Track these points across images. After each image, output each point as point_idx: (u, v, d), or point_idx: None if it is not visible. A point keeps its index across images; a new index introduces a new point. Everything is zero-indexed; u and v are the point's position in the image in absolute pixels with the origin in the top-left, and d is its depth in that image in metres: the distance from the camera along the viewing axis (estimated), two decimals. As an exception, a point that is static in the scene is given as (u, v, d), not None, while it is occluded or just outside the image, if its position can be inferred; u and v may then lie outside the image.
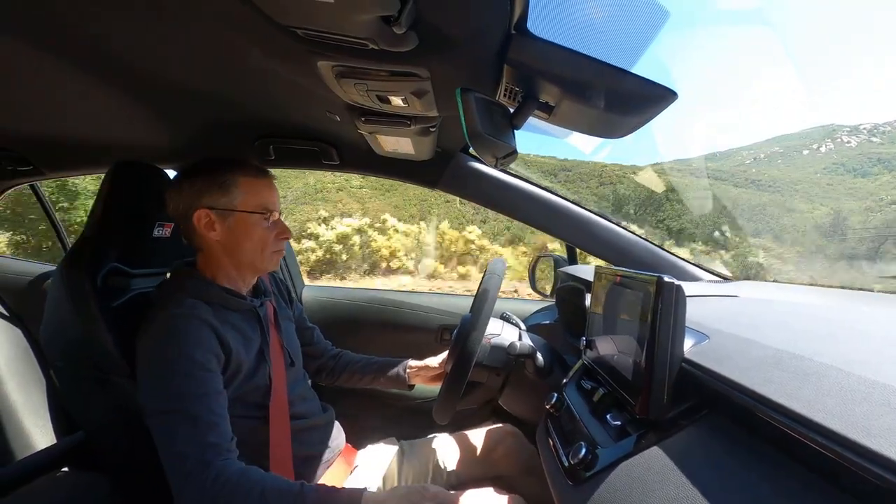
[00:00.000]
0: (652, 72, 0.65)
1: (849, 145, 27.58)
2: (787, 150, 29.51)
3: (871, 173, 24.37)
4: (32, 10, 0.69)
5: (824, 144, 27.50)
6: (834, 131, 29.01)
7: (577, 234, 1.30)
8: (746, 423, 0.50)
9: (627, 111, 0.73)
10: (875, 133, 28.77)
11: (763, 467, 0.45)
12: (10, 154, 1.43)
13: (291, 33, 0.65)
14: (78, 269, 0.93)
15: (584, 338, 0.90)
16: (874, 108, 68.21)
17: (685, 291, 0.60)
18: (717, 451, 0.50)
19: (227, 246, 0.96)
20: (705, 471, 0.49)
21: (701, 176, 23.39)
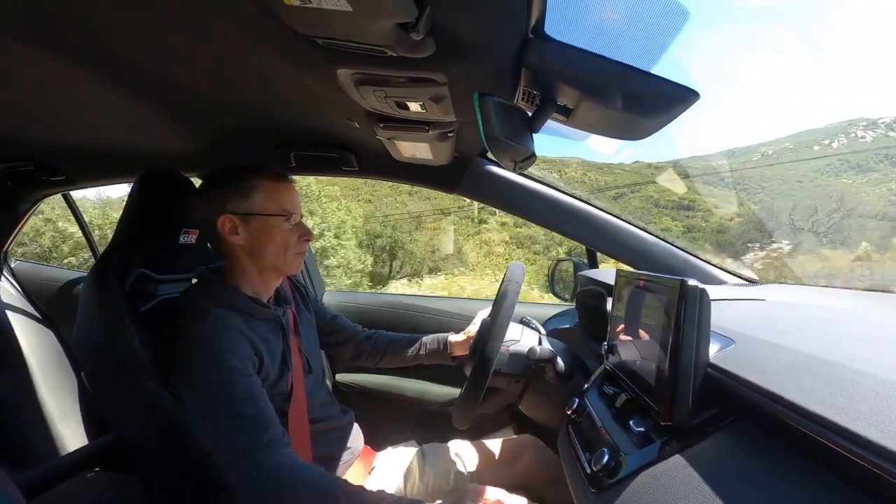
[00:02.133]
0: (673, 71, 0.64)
1: (863, 140, 27.06)
2: (798, 146, 29.24)
3: (873, 170, 23.86)
4: (63, 26, 0.71)
5: (837, 140, 27.13)
6: (850, 126, 28.49)
7: (597, 237, 1.29)
8: (775, 430, 0.48)
9: (648, 112, 0.72)
10: (894, 127, 28.09)
11: (793, 476, 0.43)
12: (44, 165, 1.49)
13: (311, 42, 0.66)
14: (108, 274, 0.96)
15: (606, 342, 0.89)
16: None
17: (710, 295, 0.58)
18: (744, 459, 0.49)
19: (250, 250, 0.98)
20: (733, 479, 0.47)
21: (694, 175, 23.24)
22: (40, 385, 1.82)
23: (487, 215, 28.62)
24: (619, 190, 29.41)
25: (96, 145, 1.35)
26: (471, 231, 28.43)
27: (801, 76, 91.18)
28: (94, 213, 15.54)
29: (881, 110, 65.00)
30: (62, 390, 1.87)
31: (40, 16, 0.69)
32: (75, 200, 1.98)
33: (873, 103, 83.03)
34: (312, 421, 1.03)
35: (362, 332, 1.33)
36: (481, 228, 29.71)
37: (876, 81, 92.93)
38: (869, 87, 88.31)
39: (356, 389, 1.71)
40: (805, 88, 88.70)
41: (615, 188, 29.45)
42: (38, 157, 1.46)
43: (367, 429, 1.22)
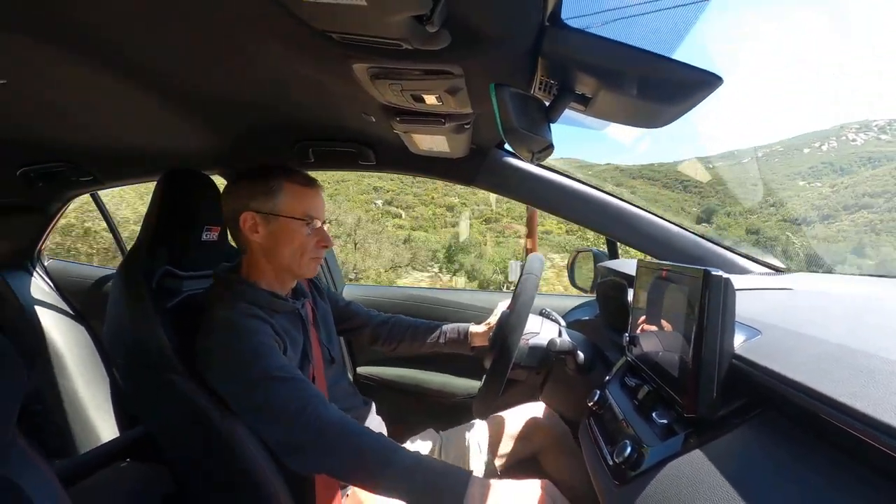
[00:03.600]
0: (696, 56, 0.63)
1: (854, 143, 26.71)
2: (788, 149, 29.03)
3: (853, 172, 23.52)
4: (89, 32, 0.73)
5: (827, 143, 26.89)
6: (842, 128, 28.21)
7: (617, 227, 1.27)
8: (804, 422, 0.47)
9: (669, 99, 0.71)
10: (886, 130, 27.65)
11: (822, 468, 0.42)
12: (73, 166, 1.53)
13: (327, 37, 0.67)
14: (135, 271, 0.99)
15: (627, 334, 0.88)
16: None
17: (734, 285, 0.57)
18: (772, 451, 0.48)
19: (267, 249, 1.00)
20: (760, 471, 0.47)
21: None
22: (75, 379, 1.89)
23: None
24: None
25: (122, 146, 1.39)
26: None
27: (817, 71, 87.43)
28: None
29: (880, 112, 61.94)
30: (95, 384, 1.94)
31: (68, 23, 0.70)
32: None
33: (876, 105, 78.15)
34: None
35: (378, 316, 1.35)
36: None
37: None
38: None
39: (377, 382, 1.73)
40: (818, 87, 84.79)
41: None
42: (67, 159, 1.51)
43: (388, 421, 1.23)
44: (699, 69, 0.64)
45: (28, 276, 1.98)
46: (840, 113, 63.82)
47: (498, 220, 27.79)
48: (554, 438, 1.16)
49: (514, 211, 19.90)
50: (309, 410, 0.81)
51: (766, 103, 79.18)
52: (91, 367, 1.95)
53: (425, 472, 0.78)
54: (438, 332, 1.30)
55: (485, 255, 21.14)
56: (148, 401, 1.10)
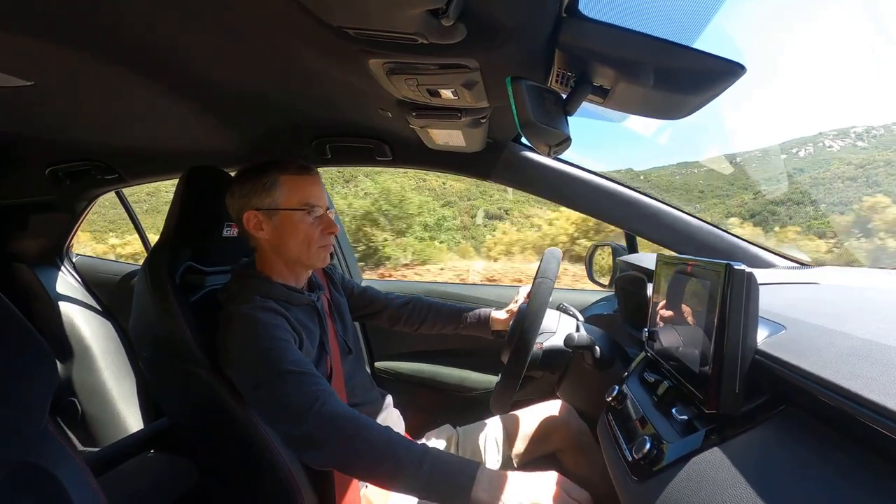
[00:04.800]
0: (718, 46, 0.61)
1: (830, 149, 26.64)
2: (766, 155, 28.93)
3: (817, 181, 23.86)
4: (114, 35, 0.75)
5: (804, 149, 26.86)
6: (820, 135, 28.22)
7: (636, 221, 1.25)
8: (829, 420, 0.46)
9: (690, 89, 0.69)
10: (864, 137, 27.37)
11: (848, 467, 0.41)
12: (99, 164, 1.58)
13: (343, 34, 0.67)
14: (159, 267, 1.01)
15: (646, 329, 0.87)
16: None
17: (758, 279, 0.56)
18: (796, 448, 0.47)
19: (275, 244, 1.01)
20: (783, 469, 0.46)
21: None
22: (103, 371, 1.95)
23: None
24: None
25: (146, 145, 1.42)
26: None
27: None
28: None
29: (861, 119, 59.05)
30: (122, 376, 2.00)
31: (93, 25, 0.72)
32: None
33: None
34: (352, 404, 1.06)
35: (398, 298, 1.35)
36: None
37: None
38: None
39: (395, 376, 1.74)
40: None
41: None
42: (93, 158, 1.55)
43: (406, 415, 1.24)
44: (721, 58, 0.62)
45: (58, 271, 2.05)
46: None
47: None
48: (572, 435, 1.16)
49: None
50: (318, 405, 0.82)
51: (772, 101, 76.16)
52: (118, 360, 2.01)
53: (434, 465, 0.77)
54: (459, 314, 1.31)
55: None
56: (172, 393, 1.13)
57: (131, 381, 2.01)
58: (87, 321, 1.99)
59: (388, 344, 1.77)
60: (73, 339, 1.93)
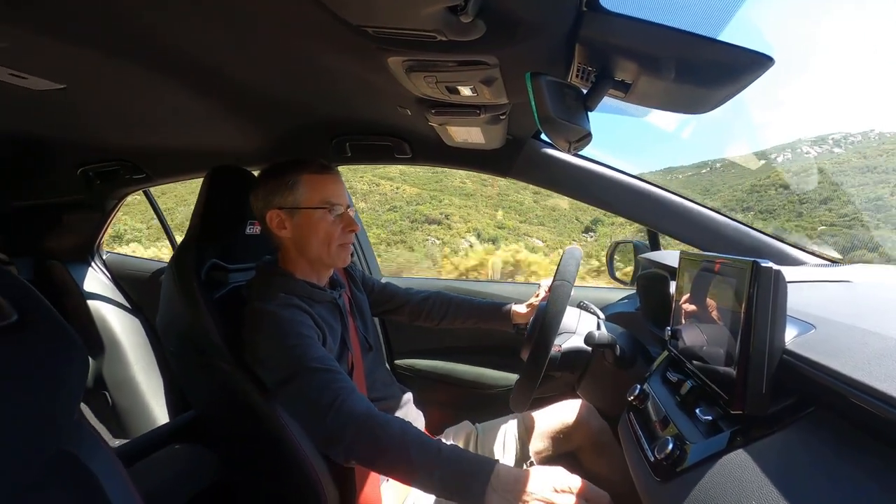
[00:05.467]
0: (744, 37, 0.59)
1: (808, 156, 26.63)
2: (746, 161, 28.82)
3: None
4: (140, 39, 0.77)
5: (783, 155, 26.77)
6: (798, 141, 28.30)
7: (660, 218, 1.23)
8: (861, 423, 0.45)
9: (715, 83, 0.67)
10: (841, 144, 27.13)
11: (879, 470, 0.40)
12: (127, 164, 1.62)
13: (363, 32, 0.67)
14: (185, 265, 1.04)
15: (669, 327, 0.85)
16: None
17: (786, 276, 0.54)
18: (824, 451, 0.45)
19: (297, 243, 1.02)
20: (812, 472, 0.44)
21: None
22: (132, 365, 2.01)
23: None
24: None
25: (172, 145, 1.46)
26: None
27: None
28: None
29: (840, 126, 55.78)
30: (151, 370, 2.06)
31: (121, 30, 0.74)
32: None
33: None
34: (373, 399, 1.07)
35: (418, 293, 1.36)
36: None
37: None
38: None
39: (414, 374, 1.75)
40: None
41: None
42: (122, 158, 1.60)
43: (425, 411, 1.25)
44: (748, 50, 0.60)
45: (89, 268, 2.11)
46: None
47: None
48: (592, 433, 1.14)
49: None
50: (339, 403, 0.82)
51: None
52: (146, 354, 2.07)
53: (451, 461, 0.77)
54: (480, 308, 1.31)
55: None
56: (197, 386, 1.16)
57: (159, 375, 2.07)
58: (116, 316, 2.06)
59: (407, 341, 1.78)
60: (104, 333, 2.00)
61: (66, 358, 0.55)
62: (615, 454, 1.06)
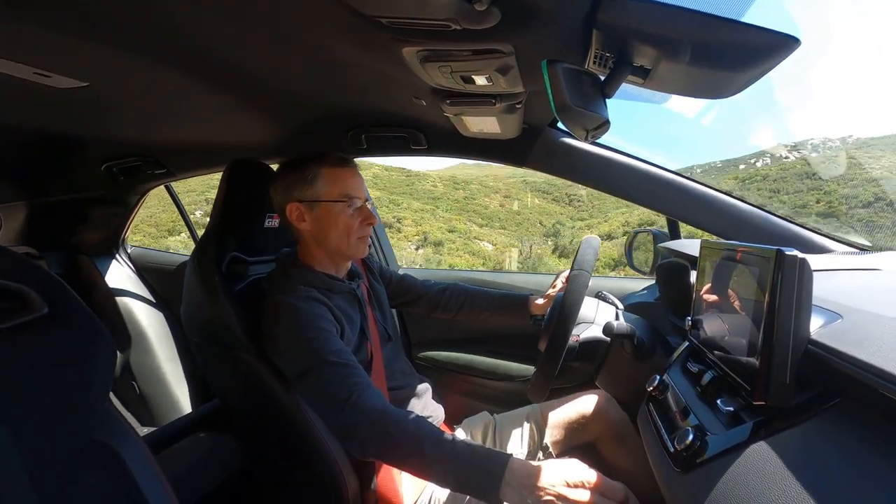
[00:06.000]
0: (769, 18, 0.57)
1: (786, 160, 27.13)
2: (726, 165, 30.19)
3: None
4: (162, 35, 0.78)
5: (762, 160, 27.59)
6: (776, 147, 29.28)
7: (680, 206, 1.20)
8: (889, 414, 0.43)
9: (738, 66, 0.65)
10: (818, 148, 28.89)
11: None
12: (149, 160, 1.66)
13: (376, 23, 0.67)
14: (206, 258, 1.06)
15: (690, 317, 0.84)
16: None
17: (812, 265, 0.53)
18: (851, 444, 0.45)
19: (316, 235, 1.03)
20: (837, 465, 0.43)
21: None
22: (158, 356, 2.06)
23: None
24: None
25: (191, 140, 1.48)
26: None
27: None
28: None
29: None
30: (175, 361, 2.11)
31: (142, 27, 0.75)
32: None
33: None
34: (392, 389, 1.08)
35: (435, 285, 1.37)
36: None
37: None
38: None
39: (433, 364, 1.76)
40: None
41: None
42: (144, 154, 1.63)
43: (444, 402, 1.25)
44: (772, 31, 0.58)
45: (115, 261, 2.17)
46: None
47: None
48: (611, 424, 1.14)
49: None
50: (354, 398, 0.83)
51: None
52: (171, 345, 2.13)
53: (465, 456, 0.76)
54: (497, 299, 1.31)
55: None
56: (220, 376, 1.18)
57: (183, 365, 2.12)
58: (142, 308, 2.11)
59: (426, 332, 1.79)
60: (130, 324, 2.05)
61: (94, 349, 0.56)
62: (635, 445, 1.06)
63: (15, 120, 1.23)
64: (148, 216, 25.54)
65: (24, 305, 0.52)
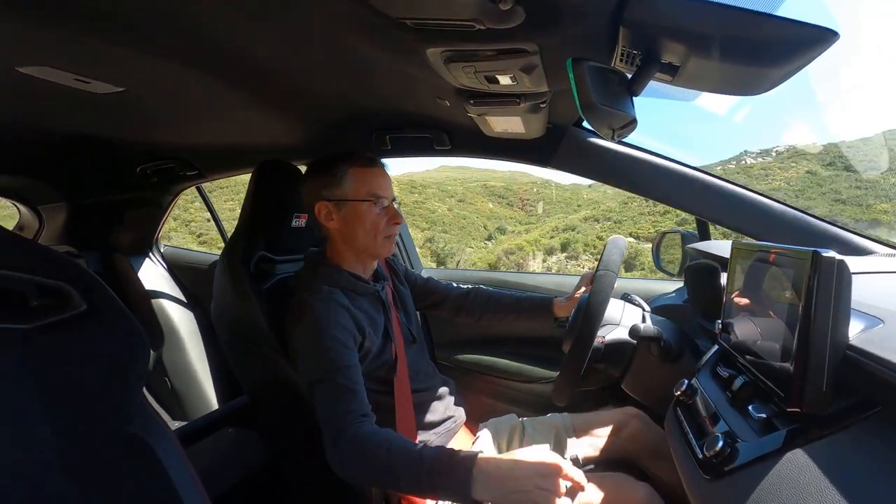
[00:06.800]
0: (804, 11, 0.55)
1: (750, 167, 28.80)
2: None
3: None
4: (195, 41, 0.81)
5: (726, 166, 29.95)
6: (743, 154, 30.59)
7: (710, 206, 1.17)
8: None
9: (772, 61, 0.63)
10: (781, 157, 29.21)
11: None
12: (181, 162, 1.71)
13: (401, 25, 0.67)
14: (235, 257, 1.08)
15: (720, 320, 0.82)
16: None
17: (851, 267, 0.51)
18: (892, 455, 0.42)
19: (344, 234, 1.05)
20: (877, 478, 0.42)
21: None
22: (189, 352, 2.12)
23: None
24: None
25: (221, 143, 1.52)
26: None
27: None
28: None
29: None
30: (205, 357, 2.17)
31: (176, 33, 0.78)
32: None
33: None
34: (416, 390, 1.08)
35: (458, 288, 1.36)
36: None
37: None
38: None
39: (456, 366, 1.76)
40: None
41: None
42: (176, 156, 1.68)
43: (467, 404, 1.25)
44: (809, 24, 0.56)
45: (148, 260, 2.24)
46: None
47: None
48: (643, 433, 1.11)
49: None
50: (346, 422, 0.84)
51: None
52: (201, 342, 2.19)
53: (432, 462, 0.76)
54: (520, 302, 1.30)
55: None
56: (249, 374, 1.21)
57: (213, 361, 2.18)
58: (173, 306, 2.18)
59: (450, 334, 1.80)
60: (163, 322, 2.12)
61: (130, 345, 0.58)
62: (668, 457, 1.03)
63: (57, 125, 1.28)
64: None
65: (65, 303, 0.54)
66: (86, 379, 0.53)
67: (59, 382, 0.51)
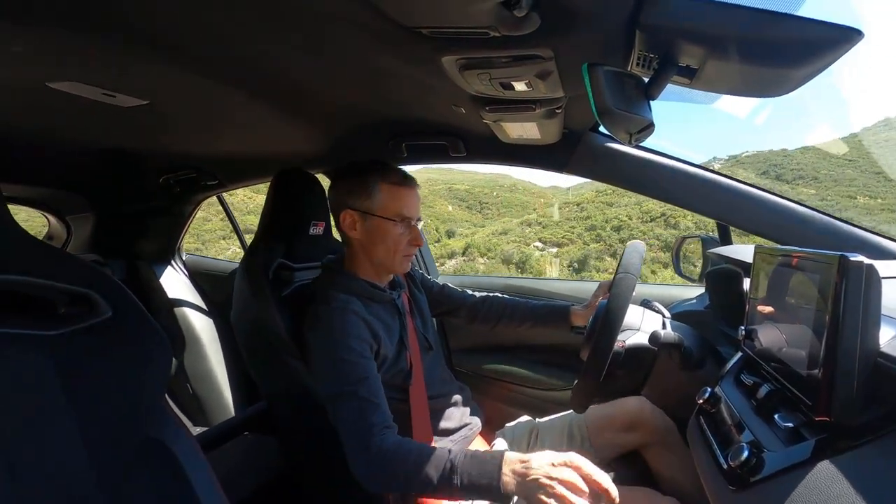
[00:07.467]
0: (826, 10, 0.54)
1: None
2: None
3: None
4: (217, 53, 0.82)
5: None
6: (713, 160, 30.06)
7: (732, 210, 1.14)
8: None
9: (793, 62, 0.62)
10: (744, 163, 30.46)
11: None
12: (203, 172, 1.75)
13: (417, 33, 0.68)
14: (254, 265, 1.10)
15: (744, 327, 0.80)
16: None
17: (880, 272, 0.49)
18: None
19: (364, 245, 1.05)
20: None
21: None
22: (210, 358, 2.16)
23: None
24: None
25: (242, 152, 1.55)
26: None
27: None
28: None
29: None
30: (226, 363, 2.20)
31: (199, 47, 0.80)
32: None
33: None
34: (432, 397, 1.08)
35: (473, 296, 1.36)
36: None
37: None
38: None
39: (472, 372, 1.75)
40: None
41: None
42: (198, 166, 1.72)
43: (484, 411, 1.24)
44: (832, 24, 0.55)
45: (171, 269, 2.29)
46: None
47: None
48: (658, 433, 1.10)
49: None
50: (370, 435, 0.86)
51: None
52: (222, 349, 2.22)
53: (464, 467, 0.79)
54: (536, 310, 1.30)
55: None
56: (268, 380, 1.22)
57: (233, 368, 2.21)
58: (195, 313, 2.21)
59: (466, 340, 1.79)
60: (185, 328, 2.16)
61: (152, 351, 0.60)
62: (682, 455, 1.02)
63: (85, 138, 1.32)
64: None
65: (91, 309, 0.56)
66: (110, 382, 0.55)
67: (85, 387, 0.53)
